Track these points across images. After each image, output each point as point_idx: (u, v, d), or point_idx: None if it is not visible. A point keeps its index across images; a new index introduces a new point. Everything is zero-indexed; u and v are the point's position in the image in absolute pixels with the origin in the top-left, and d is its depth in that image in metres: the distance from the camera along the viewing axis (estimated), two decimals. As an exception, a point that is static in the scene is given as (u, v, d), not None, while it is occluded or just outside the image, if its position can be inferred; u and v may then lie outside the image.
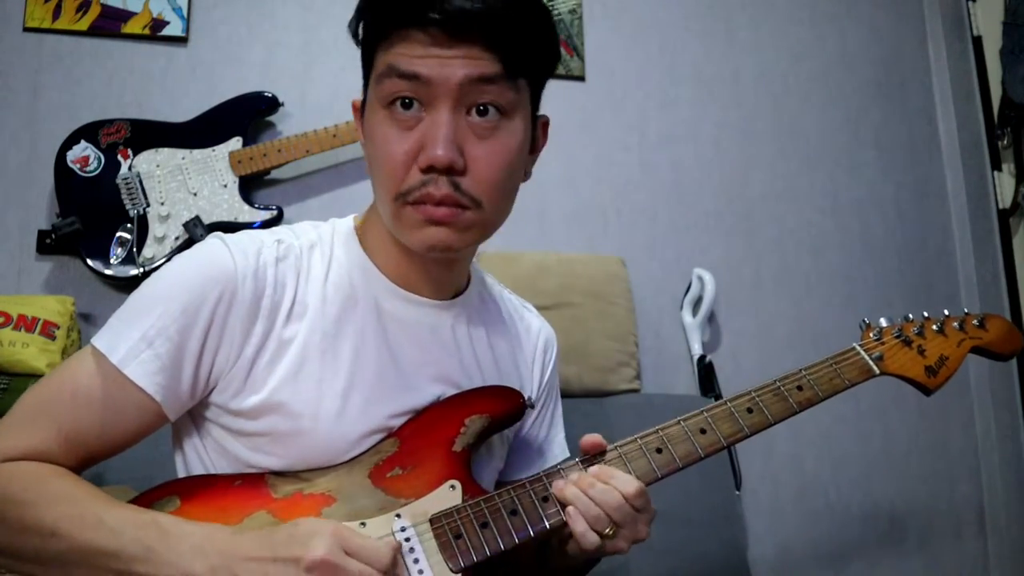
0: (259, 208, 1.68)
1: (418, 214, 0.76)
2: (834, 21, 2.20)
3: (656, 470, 0.83)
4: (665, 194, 1.99)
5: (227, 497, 0.77)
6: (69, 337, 1.51)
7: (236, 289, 0.78)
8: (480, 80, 0.74)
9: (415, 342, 0.87)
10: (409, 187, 0.76)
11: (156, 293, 0.79)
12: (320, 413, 0.80)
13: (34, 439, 0.76)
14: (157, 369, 0.76)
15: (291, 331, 0.81)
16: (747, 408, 0.88)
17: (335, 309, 0.83)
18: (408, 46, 0.74)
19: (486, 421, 0.84)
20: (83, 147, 1.63)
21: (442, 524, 0.77)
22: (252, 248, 0.81)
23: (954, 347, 1.00)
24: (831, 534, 1.90)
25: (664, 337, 1.91)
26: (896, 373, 0.97)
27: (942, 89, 2.23)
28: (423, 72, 0.74)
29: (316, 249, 0.86)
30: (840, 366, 0.95)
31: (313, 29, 1.85)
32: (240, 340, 0.79)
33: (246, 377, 0.79)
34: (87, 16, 1.74)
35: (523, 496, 0.80)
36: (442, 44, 0.73)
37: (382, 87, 0.76)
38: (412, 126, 0.76)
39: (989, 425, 2.05)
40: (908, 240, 2.13)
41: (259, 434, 0.80)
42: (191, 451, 0.85)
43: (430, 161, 0.74)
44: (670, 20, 2.08)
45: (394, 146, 0.76)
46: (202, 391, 0.80)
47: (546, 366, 1.04)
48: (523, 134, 0.80)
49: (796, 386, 0.92)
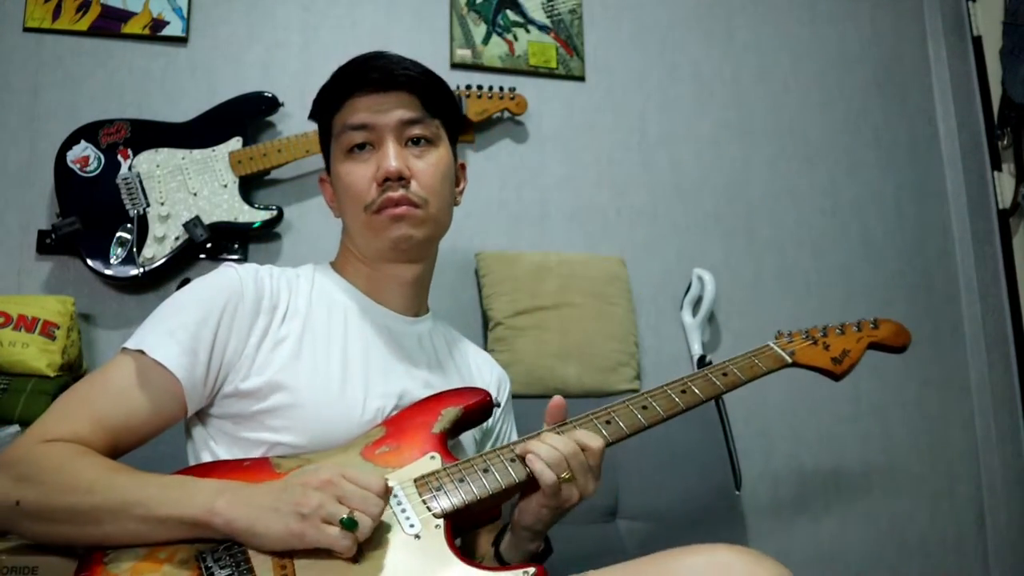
0: (259, 208, 1.68)
1: (383, 216, 1.01)
2: (834, 21, 2.20)
3: (607, 436, 0.96)
4: (665, 194, 1.99)
5: (236, 476, 0.86)
6: (69, 337, 1.51)
7: (242, 293, 0.96)
8: (410, 120, 1.02)
9: (387, 343, 1.05)
10: (372, 199, 1.01)
11: (177, 304, 0.96)
12: (317, 389, 0.95)
13: (71, 426, 0.87)
14: (178, 352, 0.91)
15: (287, 328, 0.98)
16: (681, 390, 1.03)
17: (322, 314, 1.02)
18: (354, 107, 1.02)
19: (460, 411, 0.98)
20: (83, 147, 1.63)
21: (425, 480, 0.89)
22: (252, 268, 1.01)
23: (854, 343, 1.17)
24: (831, 534, 1.90)
25: (664, 337, 1.91)
26: (806, 363, 1.13)
27: (942, 89, 2.23)
28: (369, 120, 1.01)
29: (302, 277, 1.06)
30: (758, 357, 1.10)
31: (313, 29, 1.85)
32: (246, 332, 0.95)
33: (252, 362, 0.94)
34: (87, 16, 1.74)
35: (494, 458, 0.92)
36: (379, 98, 1.02)
37: (340, 142, 1.04)
38: (367, 159, 1.02)
39: (989, 425, 2.05)
40: (908, 240, 2.13)
41: (267, 411, 0.93)
42: (203, 448, 0.97)
43: (386, 173, 0.99)
44: (670, 20, 2.08)
45: (357, 175, 1.02)
46: (215, 381, 0.94)
47: (502, 393, 1.20)
48: (448, 159, 1.07)
49: (722, 372, 1.07)
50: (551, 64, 1.96)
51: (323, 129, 1.09)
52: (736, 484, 1.76)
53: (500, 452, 0.93)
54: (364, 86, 1.02)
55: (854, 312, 2.01)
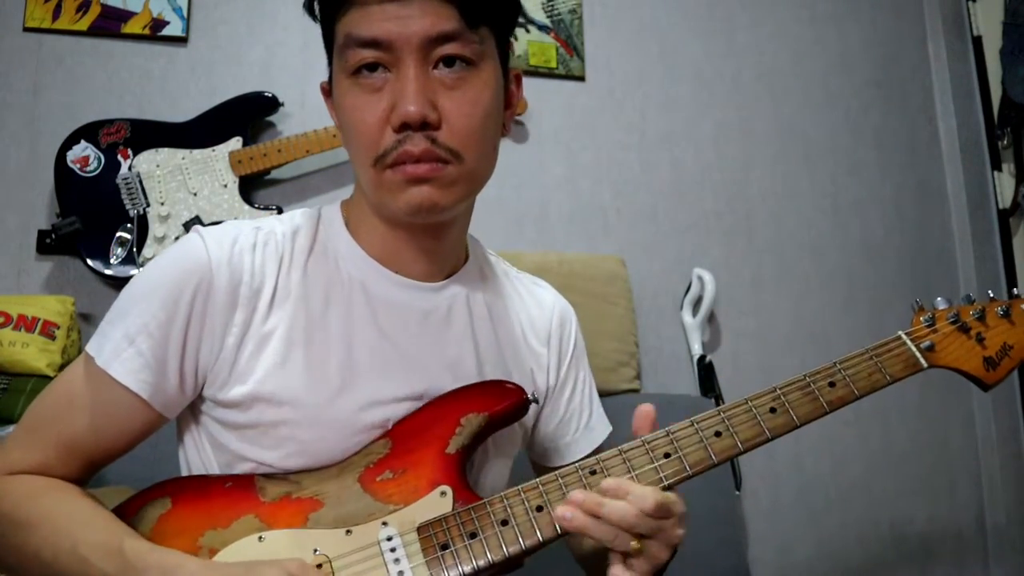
0: (259, 208, 1.68)
1: (398, 175, 0.74)
2: (834, 21, 2.20)
3: (664, 479, 0.75)
4: (665, 194, 1.99)
5: (216, 500, 0.77)
6: (69, 337, 1.51)
7: (212, 279, 0.77)
8: (441, 36, 0.73)
9: (407, 326, 0.83)
10: (385, 149, 0.74)
11: (136, 292, 0.79)
12: (308, 401, 0.78)
13: (35, 453, 0.77)
14: (140, 366, 0.76)
15: (275, 319, 0.79)
16: (770, 408, 0.79)
17: (322, 293, 0.81)
18: (364, 11, 0.73)
19: (483, 420, 0.80)
20: (83, 147, 1.63)
21: (430, 533, 0.74)
22: (227, 238, 0.79)
23: (1021, 334, 0.86)
24: (831, 534, 1.90)
25: (664, 337, 1.91)
26: (949, 366, 0.85)
27: (942, 89, 2.23)
28: (382, 36, 0.72)
29: (300, 233, 0.84)
30: (882, 358, 0.83)
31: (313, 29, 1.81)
32: (221, 330, 0.78)
33: (231, 368, 0.78)
34: (87, 16, 1.74)
35: (516, 505, 0.75)
36: (398, 3, 0.72)
37: (345, 59, 0.75)
38: (380, 87, 0.74)
39: (989, 426, 2.05)
40: (908, 240, 2.13)
41: (249, 426, 0.79)
42: (190, 444, 0.85)
43: (402, 118, 0.72)
44: (670, 20, 2.08)
45: (365, 112, 0.74)
46: (192, 386, 0.80)
47: (565, 342, 0.98)
48: (495, 83, 0.78)
49: (828, 382, 0.81)
50: (551, 64, 1.96)
51: (323, 27, 0.82)
52: (736, 484, 1.76)
53: (525, 494, 0.75)
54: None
55: (854, 312, 2.03)
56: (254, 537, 0.74)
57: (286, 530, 0.75)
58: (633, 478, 0.75)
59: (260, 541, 0.74)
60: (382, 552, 0.73)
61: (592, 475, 0.76)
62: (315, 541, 0.74)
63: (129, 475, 1.19)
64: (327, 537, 0.74)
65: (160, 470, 0.86)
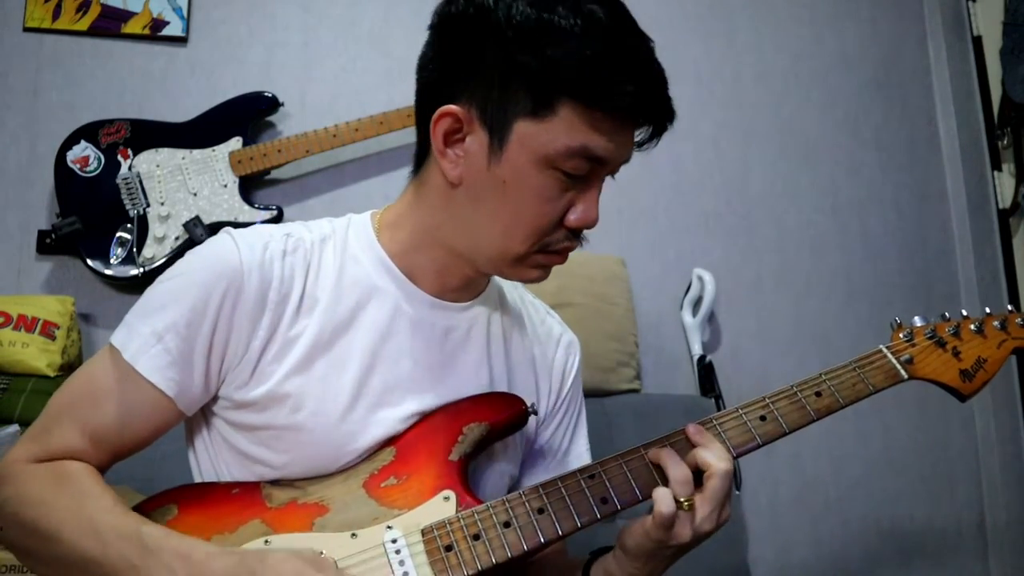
0: (259, 208, 1.68)
1: (547, 260, 0.82)
2: (834, 21, 2.20)
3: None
4: (665, 194, 1.99)
5: (223, 506, 0.78)
6: (69, 337, 1.51)
7: (242, 283, 0.79)
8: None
9: (428, 343, 0.86)
10: (552, 240, 0.80)
11: (167, 289, 0.81)
12: (323, 409, 0.80)
13: (61, 439, 0.79)
14: (167, 364, 0.78)
15: (300, 326, 0.81)
16: (760, 416, 0.85)
17: (349, 304, 0.83)
18: (604, 130, 0.75)
19: (485, 429, 0.83)
20: (83, 147, 1.63)
21: (433, 535, 0.76)
22: (259, 242, 0.81)
23: (994, 348, 0.92)
24: (831, 534, 1.90)
25: (664, 337, 1.91)
26: (927, 378, 0.91)
27: (942, 89, 2.23)
28: (610, 158, 0.78)
29: (328, 243, 0.86)
30: (865, 370, 0.89)
31: (313, 29, 1.85)
32: (248, 333, 0.79)
33: (253, 370, 0.80)
34: (87, 16, 1.74)
35: (518, 507, 0.78)
36: (627, 128, 0.78)
37: (564, 160, 0.76)
38: (568, 189, 0.78)
39: (989, 425, 2.05)
40: (908, 240, 2.13)
41: (262, 427, 0.80)
42: (201, 446, 0.86)
43: (585, 225, 0.79)
44: (670, 20, 2.08)
45: (552, 205, 0.78)
46: (215, 385, 0.81)
47: (567, 374, 1.01)
48: None
49: (815, 392, 0.87)
50: (551, 64, 1.96)
51: (533, 86, 0.74)
52: (736, 484, 1.76)
53: (526, 497, 0.79)
54: (639, 118, 0.78)
55: (854, 312, 2.03)
56: (260, 541, 0.75)
57: (292, 534, 0.76)
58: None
59: (266, 545, 0.75)
60: (387, 554, 0.75)
61: (591, 479, 0.80)
62: (321, 544, 0.75)
63: (129, 475, 1.19)
64: (333, 540, 0.76)
65: (160, 470, 0.87)
